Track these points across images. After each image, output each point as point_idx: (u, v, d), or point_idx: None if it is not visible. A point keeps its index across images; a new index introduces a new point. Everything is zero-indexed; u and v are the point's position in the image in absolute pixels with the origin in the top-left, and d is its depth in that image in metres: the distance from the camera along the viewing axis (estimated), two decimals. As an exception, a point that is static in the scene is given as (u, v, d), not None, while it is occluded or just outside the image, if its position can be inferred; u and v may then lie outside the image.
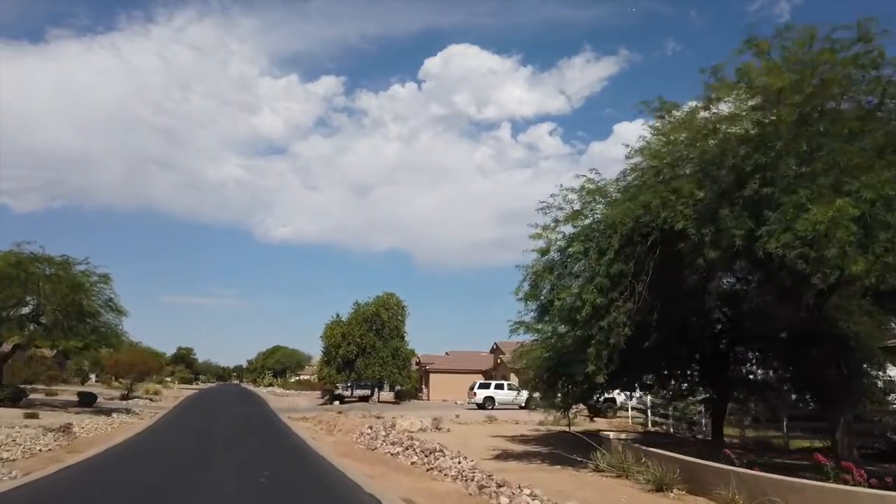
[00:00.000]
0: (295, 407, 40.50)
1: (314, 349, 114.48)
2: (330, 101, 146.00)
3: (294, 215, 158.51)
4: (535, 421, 25.24)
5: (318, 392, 66.28)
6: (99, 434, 20.29)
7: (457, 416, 28.18)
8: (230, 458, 14.70)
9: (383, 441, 17.50)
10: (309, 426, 26.71)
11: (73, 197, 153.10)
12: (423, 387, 53.58)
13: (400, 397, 48.10)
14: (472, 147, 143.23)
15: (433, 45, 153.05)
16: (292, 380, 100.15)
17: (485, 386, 37.68)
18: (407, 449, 15.54)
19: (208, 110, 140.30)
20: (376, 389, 46.79)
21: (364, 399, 46.34)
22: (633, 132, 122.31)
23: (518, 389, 37.58)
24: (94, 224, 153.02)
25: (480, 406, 36.58)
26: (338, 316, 45.18)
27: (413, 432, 20.20)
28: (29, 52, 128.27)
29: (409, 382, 45.96)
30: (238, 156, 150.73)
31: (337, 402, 43.19)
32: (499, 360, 47.30)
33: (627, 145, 11.64)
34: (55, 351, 62.98)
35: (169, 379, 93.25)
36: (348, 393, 52.24)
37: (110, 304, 27.24)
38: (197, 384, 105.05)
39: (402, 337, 45.19)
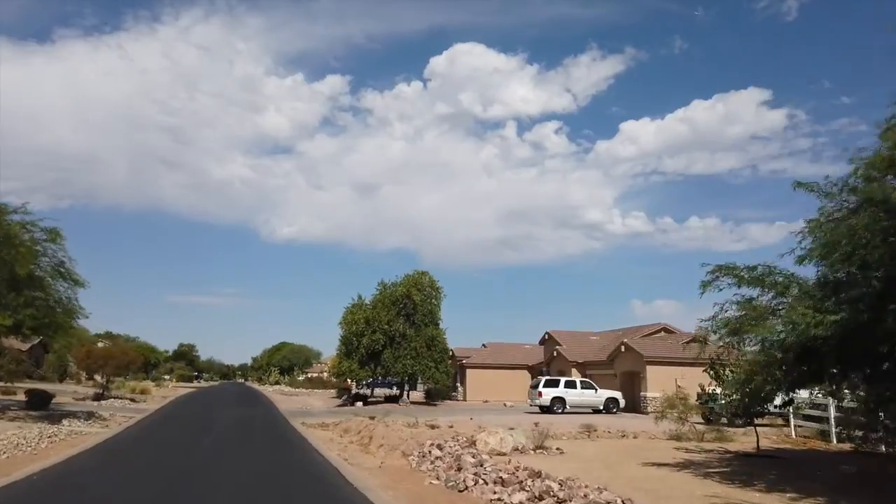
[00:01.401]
0: (308, 409, 33.58)
1: (322, 346, 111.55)
2: (335, 101, 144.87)
3: (299, 214, 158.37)
4: (650, 433, 18.10)
5: (333, 391, 59.39)
6: (18, 454, 13.46)
7: (535, 424, 21.12)
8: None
9: (476, 474, 10.41)
10: (333, 437, 19.87)
11: (80, 196, 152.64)
12: (458, 384, 46.34)
13: (431, 397, 41.03)
14: (478, 146, 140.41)
15: (439, 43, 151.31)
16: (300, 377, 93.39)
17: (552, 383, 30.31)
18: (541, 499, 8.46)
19: (214, 110, 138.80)
20: (406, 387, 39.51)
21: (392, 399, 39.20)
22: (640, 131, 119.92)
23: (594, 388, 30.28)
24: (101, 223, 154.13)
25: (546, 409, 29.39)
26: (360, 298, 38.03)
27: (505, 453, 13.14)
28: (36, 52, 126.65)
29: (447, 379, 38.87)
30: (244, 155, 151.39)
31: (360, 404, 36.13)
32: (554, 353, 40.02)
33: None
34: (32, 341, 56.64)
35: (167, 377, 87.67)
36: (368, 392, 45.09)
37: (61, 270, 20.31)
38: (198, 382, 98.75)
39: (437, 324, 38.02)
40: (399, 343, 36.07)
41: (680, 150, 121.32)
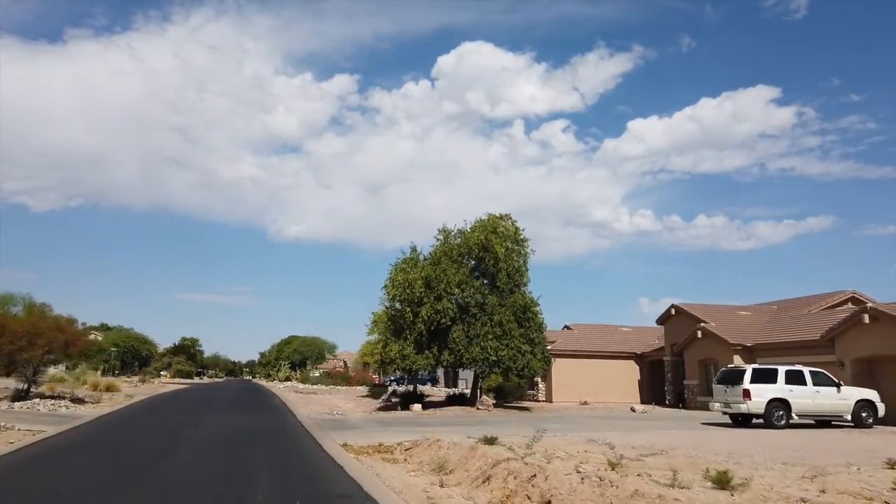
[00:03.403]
0: (341, 417, 22.58)
1: (335, 339, 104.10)
2: (344, 100, 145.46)
3: (307, 213, 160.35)
4: None
5: (360, 388, 48.53)
6: None
7: (889, 463, 9.89)
8: None
9: None
10: (427, 489, 8.84)
11: (90, 196, 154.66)
12: (539, 379, 34.92)
13: (505, 396, 29.91)
14: (485, 145, 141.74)
15: (446, 42, 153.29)
16: (315, 373, 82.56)
17: (765, 376, 18.29)
18: None
19: (223, 109, 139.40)
20: (480, 383, 28.03)
21: (458, 400, 27.96)
22: (647, 129, 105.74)
23: (835, 383, 18.64)
24: (111, 223, 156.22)
25: (747, 420, 18.10)
26: (414, 250, 26.74)
27: None
28: (47, 52, 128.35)
29: (543, 369, 27.72)
30: (252, 155, 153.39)
31: (417, 406, 24.93)
32: (697, 333, 28.54)
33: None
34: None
35: (164, 372, 78.30)
36: (405, 388, 33.78)
37: None
38: (199, 379, 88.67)
39: (523, 289, 26.69)
40: (475, 316, 24.91)
41: (688, 148, 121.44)
